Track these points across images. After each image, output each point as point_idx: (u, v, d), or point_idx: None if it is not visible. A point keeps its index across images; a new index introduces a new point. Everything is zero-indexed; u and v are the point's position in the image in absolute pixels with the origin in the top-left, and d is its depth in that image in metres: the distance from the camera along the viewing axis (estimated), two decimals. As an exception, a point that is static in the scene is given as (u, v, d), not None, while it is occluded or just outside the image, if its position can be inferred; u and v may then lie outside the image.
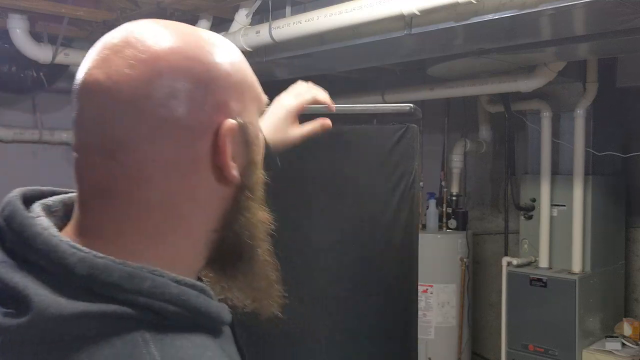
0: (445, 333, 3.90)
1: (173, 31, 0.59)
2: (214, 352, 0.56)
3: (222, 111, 0.58)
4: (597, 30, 2.38)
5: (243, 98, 0.62)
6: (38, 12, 2.94)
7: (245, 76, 0.63)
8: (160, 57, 0.56)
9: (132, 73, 0.55)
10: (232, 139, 0.58)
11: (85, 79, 0.57)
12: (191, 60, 0.57)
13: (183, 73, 0.56)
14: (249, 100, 0.63)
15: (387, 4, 2.08)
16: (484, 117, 4.27)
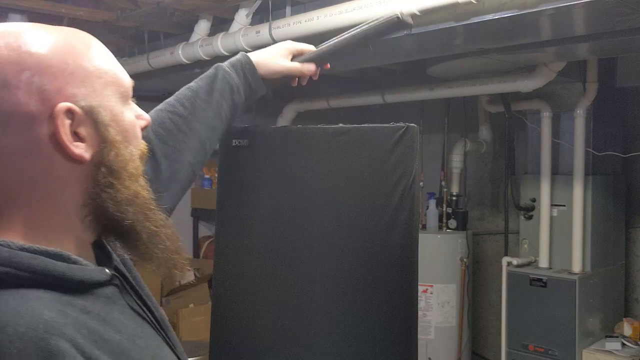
0: (445, 333, 3.90)
1: (10, 28, 0.67)
2: (44, 303, 0.60)
3: (57, 97, 0.65)
4: (597, 30, 2.38)
5: (88, 84, 0.68)
6: (38, 12, 2.94)
7: (90, 64, 0.69)
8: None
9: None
10: (73, 120, 0.65)
11: None
12: (21, 53, 0.64)
13: (12, 65, 0.63)
14: (99, 86, 0.69)
15: (387, 4, 2.08)
16: (484, 117, 4.27)
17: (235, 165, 1.51)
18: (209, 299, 3.82)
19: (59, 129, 0.65)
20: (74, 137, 0.66)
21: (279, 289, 1.95)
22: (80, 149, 0.66)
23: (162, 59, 3.18)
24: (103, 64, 0.72)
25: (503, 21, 2.10)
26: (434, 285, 3.83)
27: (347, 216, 1.56)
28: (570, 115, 3.51)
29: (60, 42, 0.68)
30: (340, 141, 1.50)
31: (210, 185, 4.65)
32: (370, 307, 1.91)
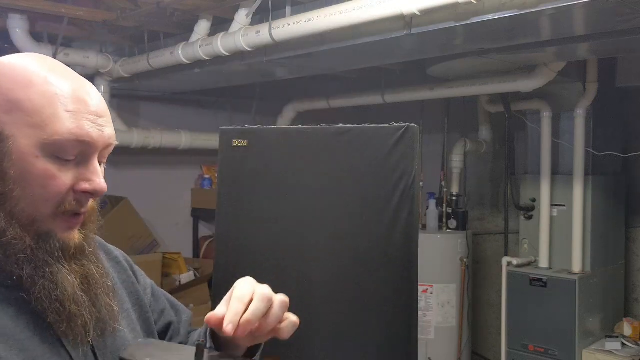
0: (445, 333, 3.90)
1: (23, 54, 0.79)
2: None
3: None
4: (597, 30, 2.38)
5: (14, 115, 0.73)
6: (38, 12, 2.94)
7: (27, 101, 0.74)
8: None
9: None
10: None
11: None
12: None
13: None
14: (23, 122, 0.73)
15: (387, 4, 2.08)
16: (484, 117, 4.27)
17: (235, 165, 1.51)
18: (209, 299, 3.82)
19: None
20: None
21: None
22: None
23: (162, 59, 3.18)
24: (46, 110, 0.75)
25: (503, 21, 2.10)
26: (434, 285, 3.83)
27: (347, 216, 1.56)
28: (570, 115, 3.51)
29: (13, 71, 0.76)
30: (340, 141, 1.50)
31: (210, 185, 4.66)
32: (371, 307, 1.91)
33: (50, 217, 0.76)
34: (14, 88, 0.74)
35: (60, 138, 0.75)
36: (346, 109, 4.44)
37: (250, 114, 4.72)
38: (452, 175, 4.19)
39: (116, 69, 3.54)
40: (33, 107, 0.74)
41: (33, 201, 0.75)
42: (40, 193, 0.75)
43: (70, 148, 0.76)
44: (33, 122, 0.74)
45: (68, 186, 0.77)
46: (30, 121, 0.73)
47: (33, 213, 0.75)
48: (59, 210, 0.77)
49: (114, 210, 3.97)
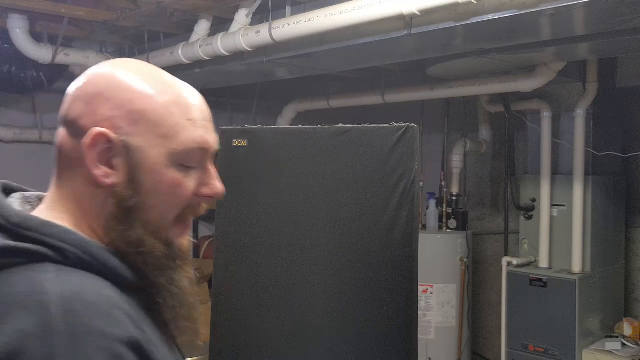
0: (445, 333, 3.90)
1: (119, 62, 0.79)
2: (104, 284, 0.69)
3: (104, 122, 0.72)
4: (597, 30, 2.38)
5: (141, 126, 0.73)
6: (38, 12, 2.94)
7: (153, 113, 0.74)
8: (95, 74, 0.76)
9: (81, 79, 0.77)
10: (109, 148, 0.72)
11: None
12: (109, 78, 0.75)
13: (96, 83, 0.74)
14: (151, 133, 0.74)
15: (387, 4, 2.08)
16: (484, 117, 4.27)
17: (235, 165, 1.51)
18: (209, 299, 3.81)
19: (86, 148, 0.72)
20: (103, 163, 0.73)
21: (279, 288, 1.95)
22: (100, 172, 0.73)
23: (162, 59, 3.18)
24: (170, 119, 0.75)
25: (503, 21, 2.10)
26: (434, 285, 3.82)
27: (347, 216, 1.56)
28: (570, 115, 3.51)
29: (127, 82, 0.75)
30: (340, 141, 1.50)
31: (210, 185, 4.65)
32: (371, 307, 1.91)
33: (171, 224, 0.78)
34: (134, 99, 0.74)
35: (187, 147, 0.75)
36: (346, 109, 4.44)
37: (250, 114, 4.72)
38: (452, 175, 4.19)
39: (116, 69, 3.54)
40: (159, 118, 0.74)
41: (162, 210, 0.76)
42: (169, 201, 0.76)
43: (194, 156, 0.77)
44: (160, 132, 0.74)
45: (192, 192, 0.78)
46: (157, 132, 0.74)
47: (160, 221, 0.76)
48: (180, 216, 0.78)
49: (114, 210, 3.96)
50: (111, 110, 0.72)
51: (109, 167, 0.73)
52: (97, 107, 0.73)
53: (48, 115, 4.12)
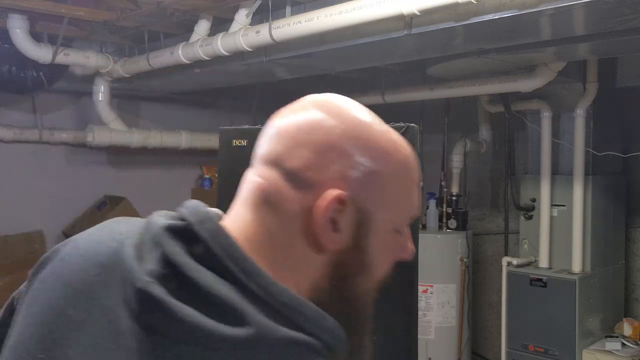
0: (445, 333, 3.89)
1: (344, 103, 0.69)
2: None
3: (337, 183, 0.63)
4: (597, 30, 2.38)
5: (384, 192, 0.66)
6: (38, 12, 2.94)
7: (398, 178, 0.67)
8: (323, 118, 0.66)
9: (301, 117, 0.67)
10: (337, 208, 0.63)
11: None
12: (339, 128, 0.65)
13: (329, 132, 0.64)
14: (383, 196, 0.66)
15: (387, 4, 2.08)
16: (484, 117, 4.27)
17: (235, 165, 1.51)
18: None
19: (319, 207, 0.63)
20: (330, 224, 0.63)
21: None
22: (328, 236, 0.64)
23: (162, 59, 3.18)
24: (401, 183, 0.68)
25: (503, 21, 2.10)
26: (434, 285, 3.82)
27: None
28: (570, 115, 3.51)
29: (378, 138, 0.67)
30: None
31: (210, 186, 4.66)
32: (370, 307, 1.90)
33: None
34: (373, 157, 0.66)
35: (410, 212, 0.71)
36: (346, 109, 4.44)
37: (250, 114, 4.72)
38: (452, 175, 4.19)
39: (116, 69, 3.54)
40: (392, 180, 0.67)
41: (375, 275, 0.70)
42: (385, 265, 0.71)
43: (410, 220, 0.71)
44: (391, 195, 0.68)
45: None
46: (389, 195, 0.67)
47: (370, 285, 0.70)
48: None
49: (113, 210, 3.97)
50: (347, 168, 0.64)
51: (335, 230, 0.63)
52: (330, 162, 0.63)
53: (48, 115, 4.12)
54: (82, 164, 4.25)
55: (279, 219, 0.64)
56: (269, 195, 0.64)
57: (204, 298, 0.57)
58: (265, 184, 0.65)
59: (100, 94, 3.83)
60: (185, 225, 0.63)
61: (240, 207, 0.67)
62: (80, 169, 4.24)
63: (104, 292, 0.62)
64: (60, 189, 4.11)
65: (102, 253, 0.66)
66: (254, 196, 0.66)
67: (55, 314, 0.63)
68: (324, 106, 0.67)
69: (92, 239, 0.69)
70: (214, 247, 0.60)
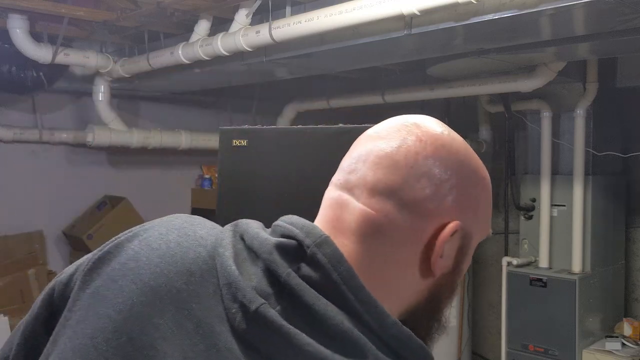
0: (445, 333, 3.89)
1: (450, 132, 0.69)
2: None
3: (455, 212, 0.64)
4: (597, 30, 2.38)
5: (478, 215, 0.68)
6: (38, 12, 2.94)
7: (486, 200, 0.69)
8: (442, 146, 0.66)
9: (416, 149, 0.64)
10: (451, 238, 0.64)
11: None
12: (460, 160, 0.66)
13: (445, 164, 0.64)
14: (481, 221, 0.68)
15: (387, 4, 2.08)
16: (484, 117, 4.27)
17: (235, 165, 1.51)
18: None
19: (442, 241, 0.64)
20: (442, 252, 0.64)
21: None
22: (439, 267, 0.65)
23: (162, 59, 3.18)
24: (489, 205, 0.71)
25: (503, 21, 2.09)
26: (434, 285, 3.83)
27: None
28: (570, 115, 3.51)
29: (476, 165, 0.68)
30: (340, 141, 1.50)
31: (210, 185, 4.65)
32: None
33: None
34: (477, 185, 0.68)
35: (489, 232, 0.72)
36: (346, 109, 4.44)
37: (250, 114, 4.72)
38: (452, 175, 4.19)
39: (116, 69, 3.54)
40: (486, 205, 0.70)
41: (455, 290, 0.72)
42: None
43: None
44: (484, 219, 0.69)
45: None
46: (483, 219, 0.69)
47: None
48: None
49: (114, 210, 3.96)
50: (460, 197, 0.65)
51: (442, 255, 0.64)
52: (448, 193, 0.64)
53: (48, 115, 4.12)
54: (82, 164, 4.25)
55: (391, 249, 0.63)
56: (381, 227, 0.63)
57: (319, 325, 0.56)
58: (378, 215, 0.63)
59: (100, 94, 3.83)
60: (298, 245, 0.60)
61: (343, 237, 0.64)
62: (80, 169, 4.24)
63: (196, 304, 0.59)
64: (60, 189, 4.11)
65: (189, 259, 0.62)
66: (363, 227, 0.63)
67: (137, 320, 0.58)
68: (427, 133, 0.67)
69: (169, 239, 0.65)
70: (332, 274, 0.58)
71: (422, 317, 0.67)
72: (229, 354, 0.56)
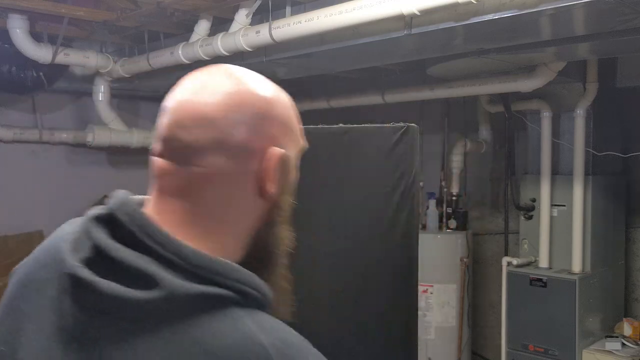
0: (445, 333, 3.90)
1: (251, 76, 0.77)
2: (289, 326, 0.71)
3: (272, 141, 0.74)
4: (597, 30, 2.38)
5: (288, 137, 0.77)
6: (38, 12, 2.94)
7: (291, 121, 0.79)
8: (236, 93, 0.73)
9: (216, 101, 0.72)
10: (275, 163, 0.74)
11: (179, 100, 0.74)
12: (257, 99, 0.74)
13: (249, 107, 0.73)
14: (291, 141, 0.78)
15: (387, 4, 2.08)
16: (484, 117, 4.27)
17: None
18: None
19: (269, 168, 0.73)
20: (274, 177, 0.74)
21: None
22: (273, 189, 0.74)
23: (162, 59, 3.18)
24: (296, 123, 0.81)
25: (503, 21, 2.10)
26: (434, 285, 3.83)
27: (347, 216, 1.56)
28: (570, 115, 3.51)
29: (283, 98, 0.79)
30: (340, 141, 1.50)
31: (210, 185, 4.65)
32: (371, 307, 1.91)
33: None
34: (288, 114, 0.78)
35: (302, 142, 0.82)
36: (346, 109, 4.45)
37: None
38: (452, 175, 4.19)
39: (116, 69, 3.54)
40: (294, 124, 0.80)
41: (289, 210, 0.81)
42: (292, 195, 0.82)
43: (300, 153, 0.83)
44: (295, 138, 0.79)
45: None
46: (294, 138, 0.79)
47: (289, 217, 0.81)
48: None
49: (114, 210, 3.96)
50: (274, 127, 0.75)
51: (274, 180, 0.75)
52: (262, 128, 0.74)
53: (48, 115, 4.12)
54: (82, 164, 4.25)
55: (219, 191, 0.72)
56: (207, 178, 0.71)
57: (122, 271, 0.65)
58: (200, 170, 0.71)
59: (100, 93, 3.83)
60: (108, 213, 0.71)
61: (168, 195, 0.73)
62: (80, 169, 4.24)
63: (49, 286, 0.70)
64: (60, 189, 4.11)
65: (48, 253, 0.74)
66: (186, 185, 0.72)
67: (12, 311, 0.74)
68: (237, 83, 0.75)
69: (45, 242, 0.79)
70: (131, 226, 0.68)
71: (264, 246, 0.76)
72: (71, 317, 0.67)
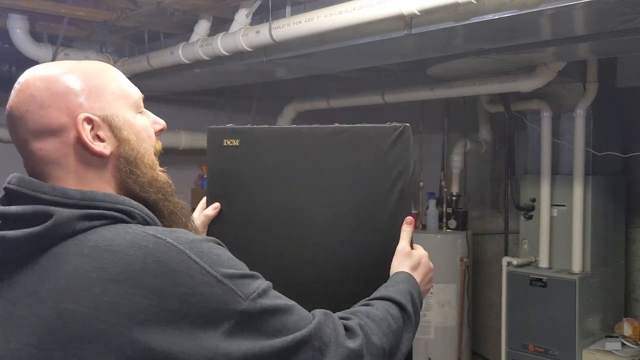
0: (445, 333, 3.90)
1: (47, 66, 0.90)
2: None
3: (77, 110, 0.86)
4: (597, 30, 2.38)
5: (103, 99, 0.89)
6: (38, 12, 2.94)
7: (104, 85, 0.90)
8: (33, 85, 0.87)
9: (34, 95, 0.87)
10: (93, 126, 0.87)
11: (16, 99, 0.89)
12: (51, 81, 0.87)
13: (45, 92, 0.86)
14: (112, 100, 0.90)
15: (387, 4, 2.08)
16: (484, 117, 4.27)
17: (226, 167, 1.49)
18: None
19: (81, 132, 0.86)
20: (95, 139, 0.88)
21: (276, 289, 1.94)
22: (99, 147, 0.87)
23: (162, 59, 3.18)
24: (114, 84, 0.92)
25: (503, 21, 2.09)
26: (434, 285, 3.81)
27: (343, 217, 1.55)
28: (570, 115, 3.51)
29: (81, 70, 0.90)
30: (336, 141, 1.50)
31: (210, 185, 4.65)
32: (370, 307, 1.90)
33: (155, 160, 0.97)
34: (91, 81, 0.89)
35: (137, 96, 0.95)
36: (346, 109, 4.45)
37: (250, 114, 4.72)
38: (452, 175, 4.19)
39: (116, 69, 3.54)
40: (113, 86, 0.91)
41: (149, 150, 0.95)
42: (149, 141, 0.96)
43: (139, 102, 0.96)
44: (118, 95, 0.91)
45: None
46: (116, 96, 0.91)
47: (152, 160, 0.95)
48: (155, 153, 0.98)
49: (114, 210, 3.96)
50: (76, 98, 0.87)
51: (101, 140, 0.88)
52: (64, 104, 0.86)
53: (48, 115, 4.12)
54: (82, 164, 4.24)
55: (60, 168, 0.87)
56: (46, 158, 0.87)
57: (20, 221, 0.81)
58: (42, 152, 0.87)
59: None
60: (4, 188, 0.87)
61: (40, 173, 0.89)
62: (80, 169, 4.24)
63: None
64: (60, 189, 4.11)
65: None
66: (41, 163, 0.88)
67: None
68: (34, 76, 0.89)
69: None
70: (21, 189, 0.84)
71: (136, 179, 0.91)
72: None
